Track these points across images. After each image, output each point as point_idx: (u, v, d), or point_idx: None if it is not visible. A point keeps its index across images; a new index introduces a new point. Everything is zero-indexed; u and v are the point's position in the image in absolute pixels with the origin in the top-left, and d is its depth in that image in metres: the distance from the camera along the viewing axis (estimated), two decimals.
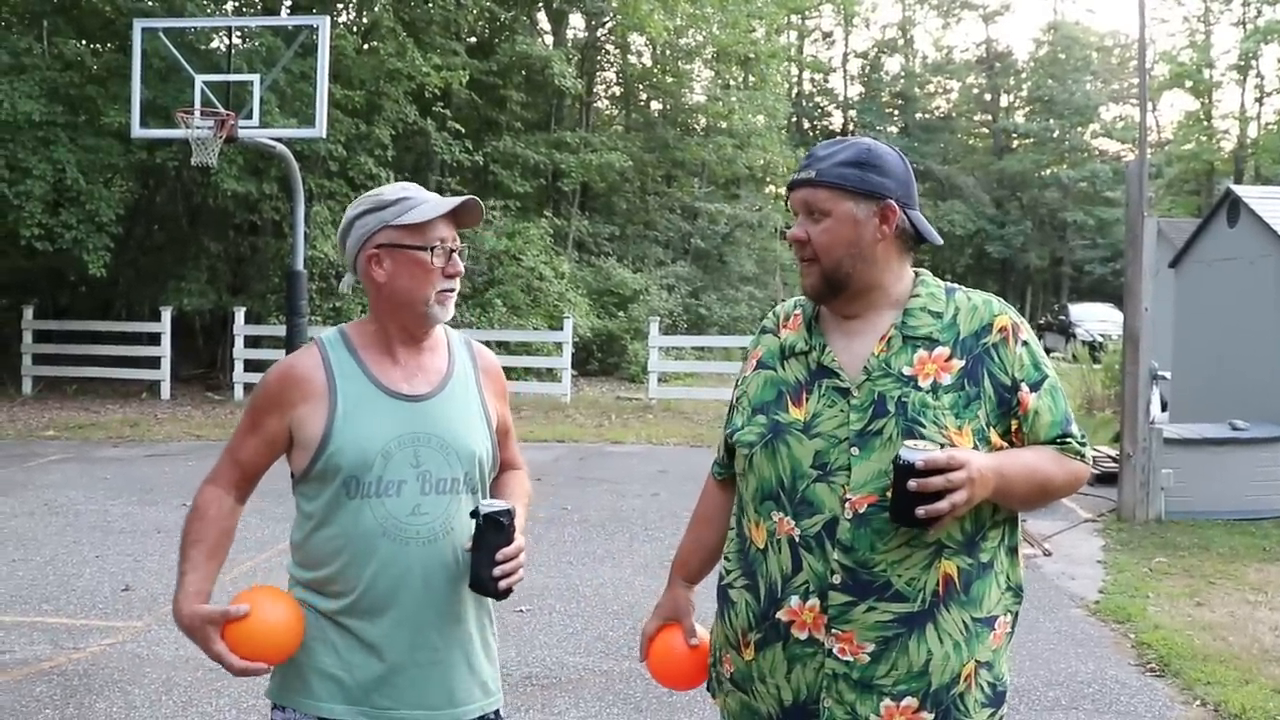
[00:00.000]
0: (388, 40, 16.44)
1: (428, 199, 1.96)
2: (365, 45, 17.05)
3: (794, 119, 35.93)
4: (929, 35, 47.28)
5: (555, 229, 20.47)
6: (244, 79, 12.32)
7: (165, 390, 14.65)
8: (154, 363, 14.77)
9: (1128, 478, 7.58)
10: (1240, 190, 9.44)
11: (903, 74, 43.06)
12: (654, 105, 26.80)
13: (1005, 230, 38.77)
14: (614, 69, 25.92)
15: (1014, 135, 41.60)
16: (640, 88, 26.19)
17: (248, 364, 14.49)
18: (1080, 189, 39.01)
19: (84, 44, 15.35)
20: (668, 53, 24.42)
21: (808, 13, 38.66)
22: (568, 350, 14.80)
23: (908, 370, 1.76)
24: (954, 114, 43.42)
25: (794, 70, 39.07)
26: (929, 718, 1.73)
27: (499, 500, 1.95)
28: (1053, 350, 20.06)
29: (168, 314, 14.77)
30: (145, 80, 12.38)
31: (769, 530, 1.79)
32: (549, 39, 23.14)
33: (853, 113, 41.50)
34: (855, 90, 43.30)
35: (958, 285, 1.89)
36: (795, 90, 39.26)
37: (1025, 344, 1.81)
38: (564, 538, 6.99)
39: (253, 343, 14.87)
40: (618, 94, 27.25)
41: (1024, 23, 79.38)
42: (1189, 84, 36.47)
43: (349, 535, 1.90)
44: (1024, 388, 1.78)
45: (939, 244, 1.91)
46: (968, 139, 43.20)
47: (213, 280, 16.15)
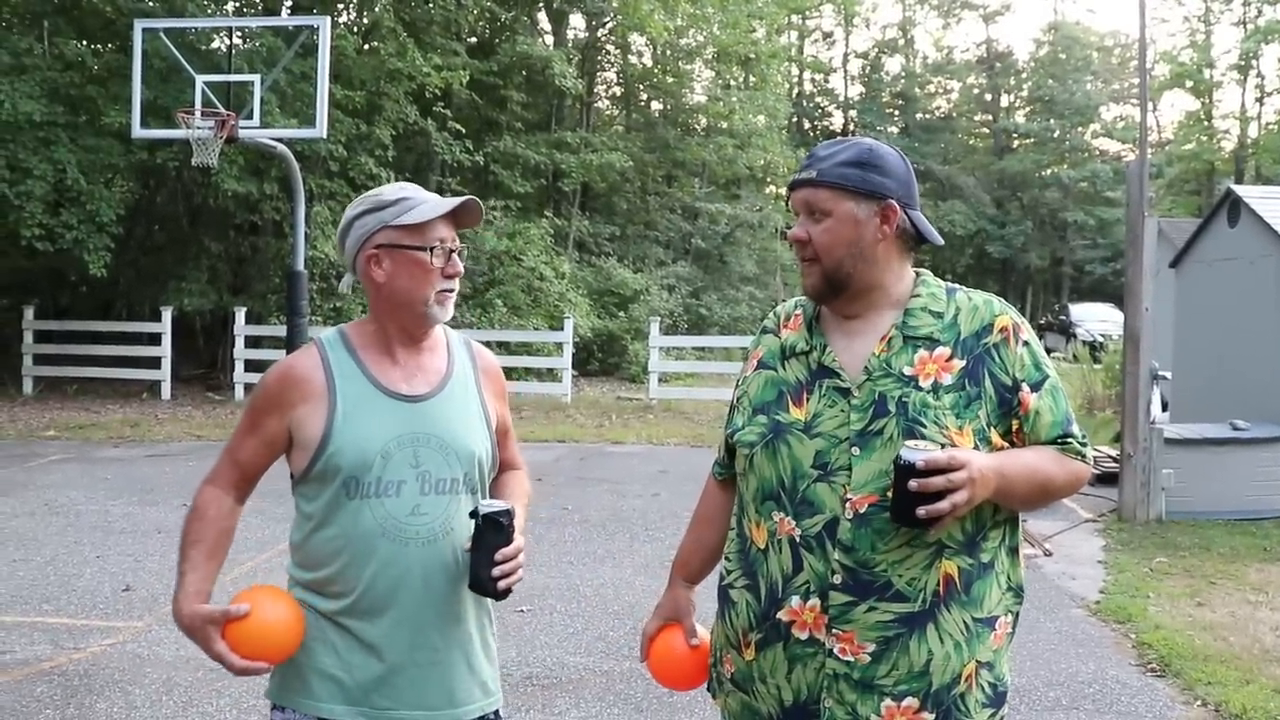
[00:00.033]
0: (388, 40, 16.44)
1: (427, 199, 1.96)
2: (366, 45, 17.06)
3: (794, 119, 35.94)
4: (929, 35, 47.26)
5: (556, 229, 20.48)
6: (244, 79, 12.33)
7: (166, 390, 14.65)
8: (155, 363, 14.77)
9: (1128, 478, 7.58)
10: (1241, 190, 9.44)
11: (903, 74, 43.07)
12: (654, 105, 26.81)
13: (1006, 230, 38.78)
14: (614, 69, 25.93)
15: (1014, 135, 41.62)
16: (641, 88, 26.20)
17: (248, 364, 14.49)
18: (1081, 189, 39.02)
19: (85, 44, 15.36)
20: (668, 53, 24.43)
21: (808, 13, 38.68)
22: (568, 350, 14.80)
23: (908, 370, 1.76)
24: (954, 114, 43.44)
25: (794, 70, 39.08)
26: (930, 718, 1.73)
27: (498, 500, 1.95)
28: (1053, 350, 20.04)
29: (168, 314, 14.78)
30: (146, 80, 12.39)
31: (770, 530, 1.79)
32: (549, 39, 23.15)
33: (853, 113, 41.51)
34: (856, 90, 43.36)
35: (958, 285, 1.89)
36: (796, 90, 39.27)
37: (1026, 344, 1.81)
38: (564, 538, 6.99)
39: (253, 343, 14.87)
40: (618, 94, 27.27)
41: (1024, 23, 79.50)
42: (1189, 84, 36.47)
43: (348, 536, 1.90)
44: (1025, 388, 1.78)
45: (940, 244, 1.91)
46: (968, 139, 43.21)
47: (213, 280, 16.17)
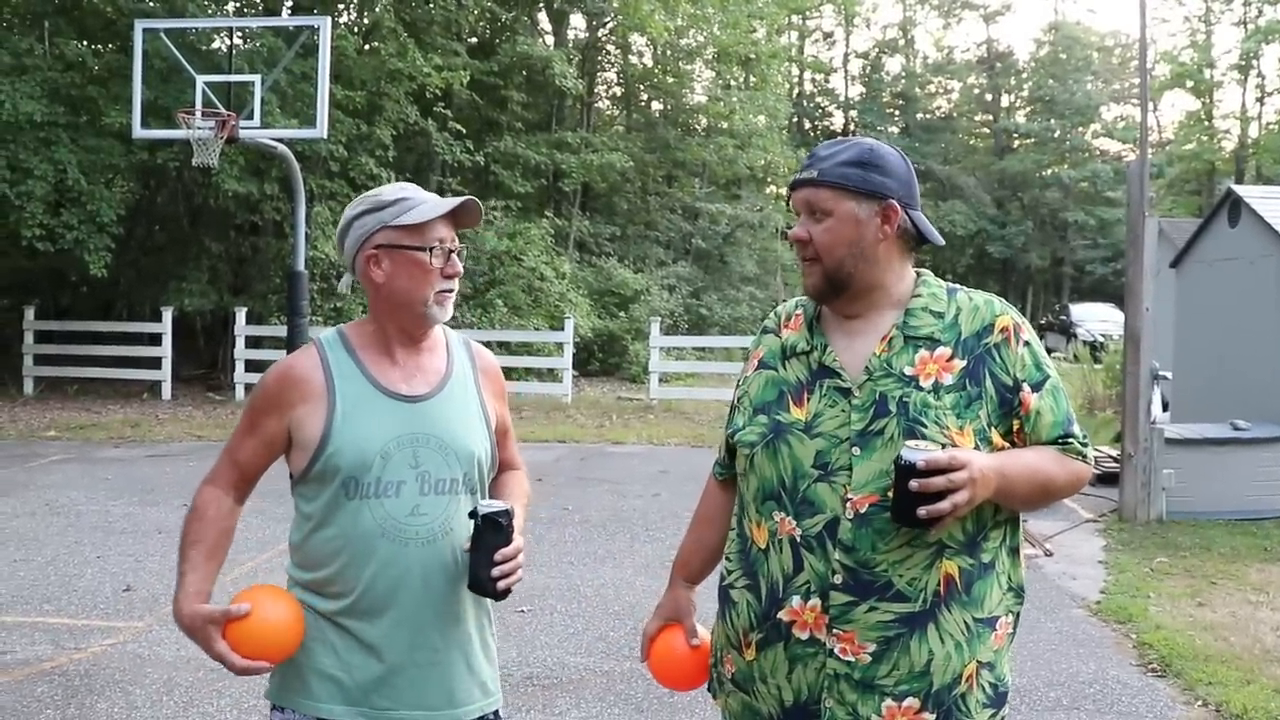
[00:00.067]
0: (389, 41, 16.44)
1: (426, 199, 1.95)
2: (366, 46, 17.06)
3: (795, 119, 35.94)
4: (930, 35, 47.27)
5: (556, 229, 20.47)
6: (245, 79, 12.34)
7: (166, 391, 14.65)
8: (155, 363, 14.77)
9: (1129, 478, 7.57)
10: (1241, 190, 9.44)
11: (903, 74, 43.07)
12: (655, 105, 26.80)
13: (1006, 230, 38.78)
14: (615, 69, 25.93)
15: (1015, 135, 41.62)
16: (641, 88, 26.20)
17: (249, 364, 14.49)
18: (1081, 189, 39.02)
19: (85, 45, 15.36)
20: (668, 53, 24.43)
21: (808, 13, 38.68)
22: (569, 350, 14.79)
23: (909, 370, 1.75)
24: (955, 114, 43.44)
25: (795, 70, 39.07)
26: (930, 718, 1.73)
27: (497, 501, 1.94)
28: (1054, 350, 20.05)
29: (169, 314, 14.77)
30: (146, 81, 12.40)
31: (770, 530, 1.79)
32: (550, 39, 23.16)
33: (854, 113, 41.50)
34: (856, 90, 43.35)
35: (959, 285, 1.89)
36: (796, 90, 39.27)
37: (1027, 344, 1.81)
38: (565, 538, 6.99)
39: (254, 343, 14.86)
40: (619, 94, 27.27)
41: (1025, 23, 79.55)
42: (1190, 84, 36.47)
43: (348, 536, 1.90)
44: (1026, 388, 1.78)
45: (941, 244, 1.91)
46: (969, 139, 43.21)
47: (214, 281, 16.17)
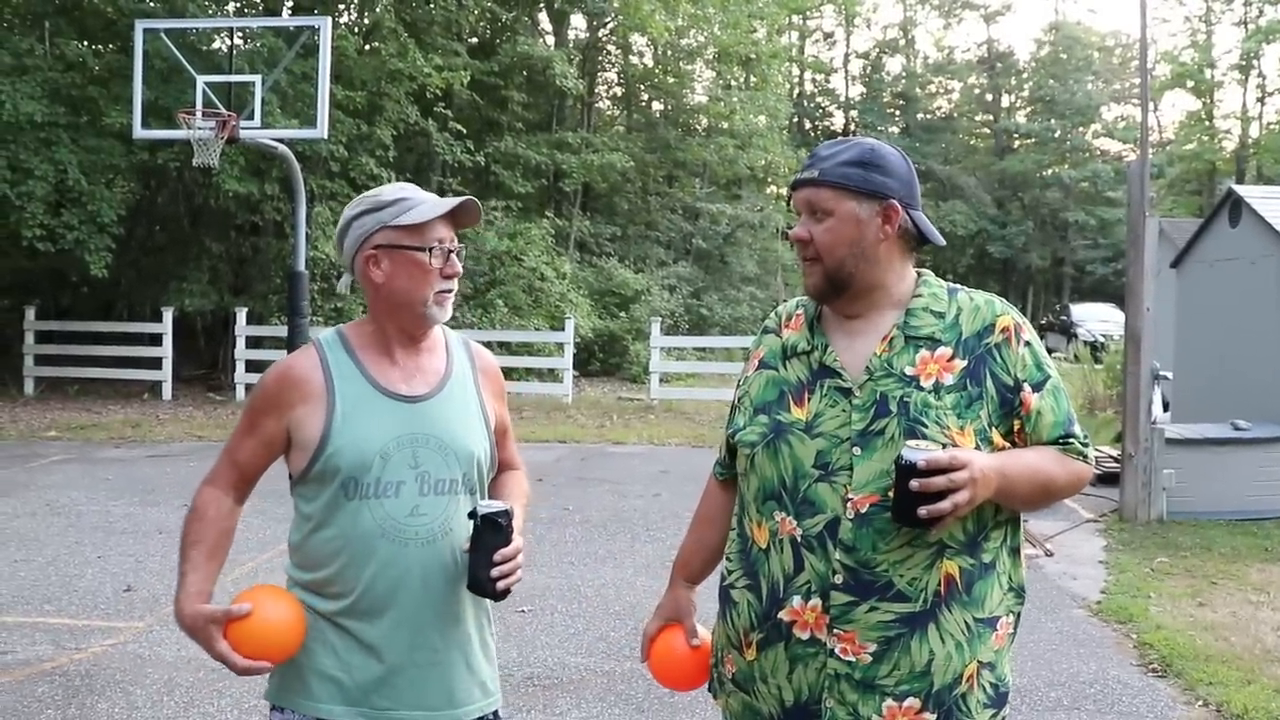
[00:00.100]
0: (389, 41, 16.44)
1: (426, 199, 1.95)
2: (367, 46, 17.06)
3: (795, 119, 35.93)
4: (930, 35, 47.29)
5: (557, 229, 20.47)
6: (245, 80, 12.34)
7: (167, 391, 14.65)
8: (156, 363, 14.77)
9: (1129, 478, 7.57)
10: (1242, 190, 9.44)
11: (904, 74, 43.07)
12: (655, 106, 26.80)
13: (1007, 230, 38.78)
14: (615, 69, 25.93)
15: (1015, 135, 41.62)
16: (641, 88, 26.20)
17: (249, 364, 14.49)
18: (1082, 189, 39.02)
19: (86, 45, 15.36)
20: (669, 53, 24.43)
21: (809, 13, 38.67)
22: (569, 351, 14.79)
23: (910, 370, 1.75)
24: (955, 114, 43.44)
25: (795, 71, 39.07)
26: (931, 718, 1.73)
27: (497, 501, 1.94)
28: (1054, 350, 20.03)
29: (169, 314, 14.78)
30: (147, 81, 12.40)
31: (771, 530, 1.79)
32: (550, 39, 23.15)
33: (854, 113, 41.50)
34: (856, 90, 43.36)
35: (960, 285, 1.89)
36: (797, 91, 39.26)
37: (1028, 344, 1.81)
38: (565, 538, 6.99)
39: (254, 343, 14.86)
40: (619, 94, 27.27)
41: (1025, 23, 79.61)
42: (1190, 84, 36.47)
43: (348, 536, 1.90)
44: (1026, 388, 1.78)
45: (942, 244, 1.91)
46: (969, 139, 43.20)
47: (214, 281, 16.17)
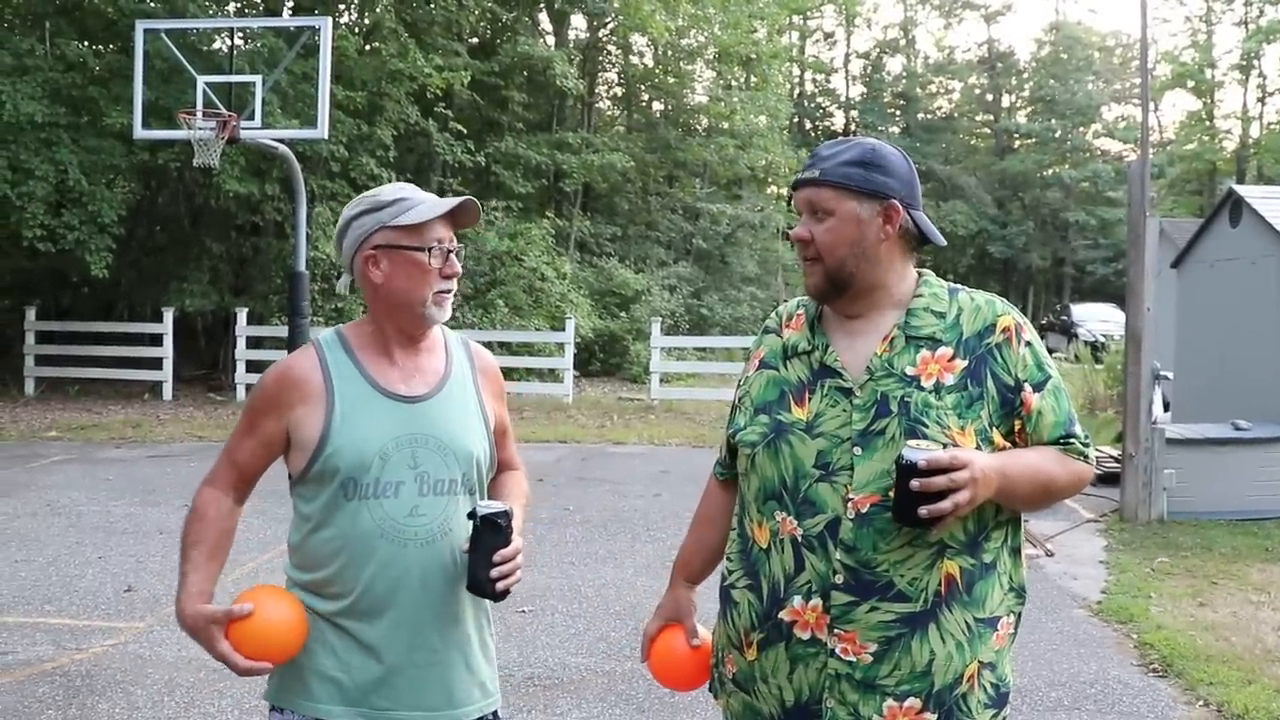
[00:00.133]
0: (389, 41, 16.44)
1: (425, 199, 1.95)
2: (367, 46, 17.06)
3: (796, 119, 35.93)
4: (930, 35, 47.32)
5: (557, 229, 20.47)
6: (246, 80, 12.34)
7: (167, 391, 14.66)
8: (156, 364, 14.77)
9: (1130, 478, 7.57)
10: (1242, 190, 9.43)
11: (904, 74, 43.08)
12: (656, 106, 26.80)
13: (1007, 230, 38.79)
14: (616, 70, 25.93)
15: (1016, 135, 41.63)
16: (642, 88, 26.20)
17: (250, 365, 14.48)
18: (1082, 189, 39.02)
19: (86, 45, 15.36)
20: (669, 53, 24.42)
21: (809, 13, 38.69)
22: (569, 351, 14.79)
23: (910, 370, 1.75)
24: (956, 114, 43.45)
25: (796, 71, 39.09)
26: (932, 718, 1.73)
27: (496, 502, 1.94)
28: (1055, 350, 20.03)
29: (170, 315, 14.78)
30: (147, 81, 12.40)
31: (772, 530, 1.79)
32: (550, 40, 23.15)
33: (854, 113, 41.51)
34: (857, 90, 43.37)
35: (960, 285, 1.89)
36: (797, 91, 39.26)
37: (1028, 344, 1.81)
38: (566, 538, 6.99)
39: (255, 343, 14.86)
40: (619, 94, 27.27)
41: (1026, 23, 79.65)
42: (1191, 84, 36.47)
43: (347, 537, 1.90)
44: (1027, 388, 1.78)
45: (943, 245, 1.91)
46: (969, 139, 43.21)
47: (215, 281, 16.17)
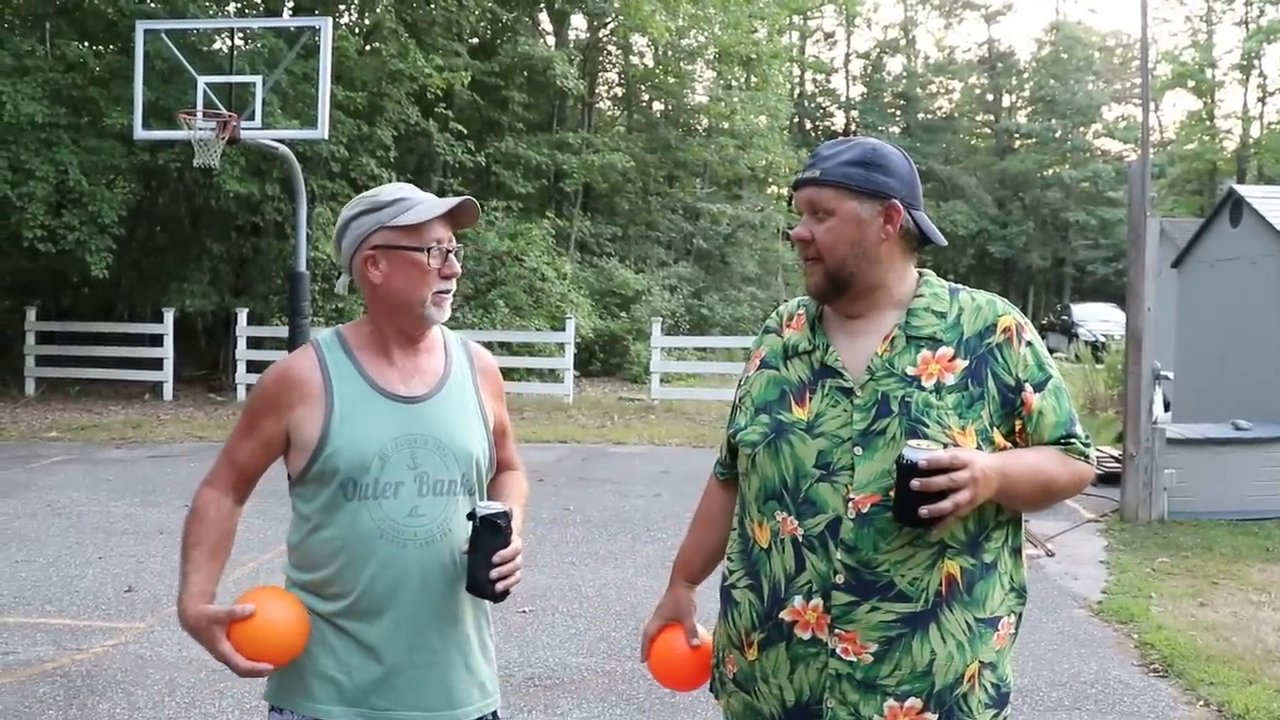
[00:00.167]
0: (390, 41, 16.44)
1: (424, 199, 1.95)
2: (367, 46, 17.06)
3: (796, 119, 35.94)
4: (931, 35, 47.39)
5: (557, 230, 20.47)
6: (246, 80, 12.34)
7: (168, 391, 14.66)
8: (156, 364, 14.77)
9: (1130, 478, 7.57)
10: (1243, 190, 9.44)
11: (905, 74, 43.10)
12: (656, 106, 26.80)
13: (1007, 230, 38.79)
14: (616, 70, 25.93)
15: (1016, 135, 41.64)
16: (642, 88, 26.20)
17: (250, 365, 14.48)
18: (1082, 189, 39.03)
19: (86, 46, 15.36)
20: (669, 53, 24.42)
21: (810, 13, 38.69)
22: (570, 351, 14.79)
23: (911, 370, 1.75)
24: (956, 114, 43.46)
25: (796, 71, 39.09)
26: (933, 718, 1.73)
27: (496, 502, 1.94)
28: (1055, 350, 20.04)
29: (170, 315, 14.78)
30: (147, 82, 12.39)
31: (772, 530, 1.79)
32: (551, 40, 23.15)
33: (855, 113, 41.52)
34: (857, 91, 43.38)
35: (961, 285, 1.89)
36: (797, 91, 39.27)
37: (1029, 344, 1.80)
38: (566, 538, 6.99)
39: (255, 344, 14.86)
40: (620, 95, 27.26)
41: (1026, 23, 79.77)
42: (1191, 84, 36.47)
43: (346, 537, 1.89)
44: (1028, 388, 1.78)
45: (943, 245, 1.91)
46: (970, 139, 43.22)
47: (215, 281, 16.18)
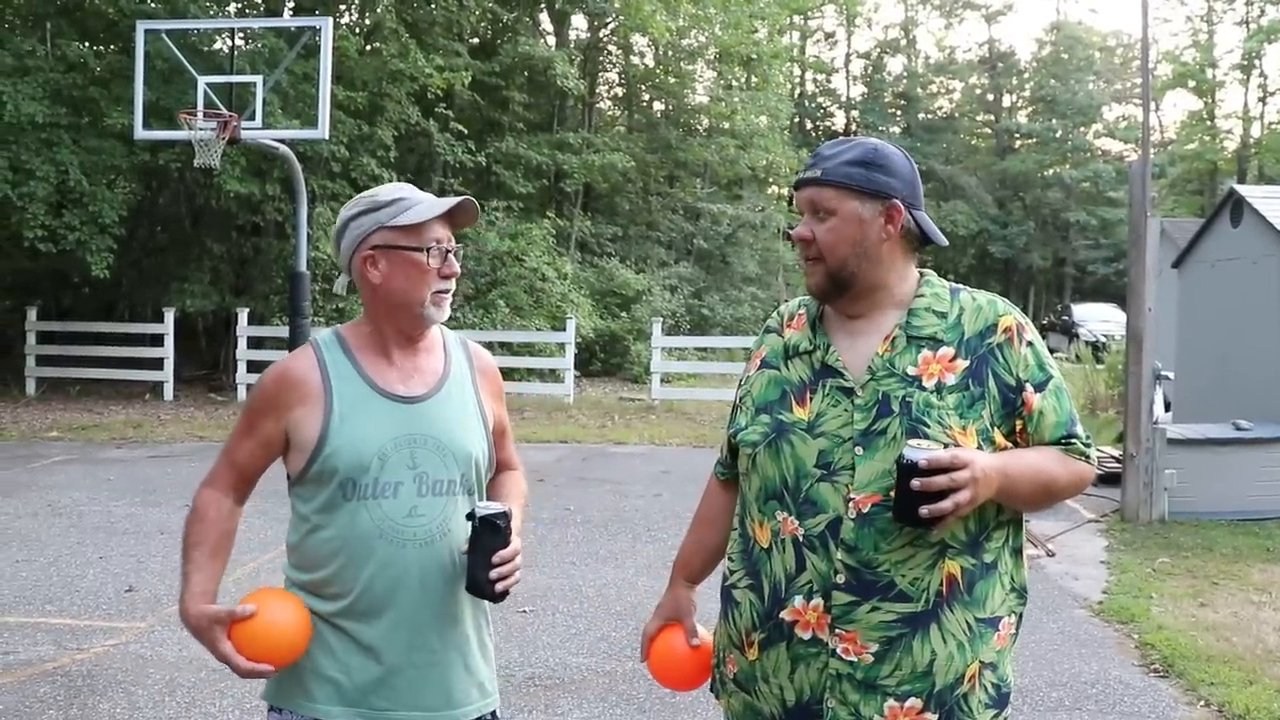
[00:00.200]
0: (390, 41, 16.44)
1: (423, 199, 1.95)
2: (368, 46, 17.07)
3: (797, 119, 35.92)
4: (931, 35, 47.42)
5: (558, 230, 20.47)
6: (247, 80, 12.34)
7: (168, 391, 14.66)
8: (157, 364, 14.77)
9: (1131, 478, 7.56)
10: (1243, 190, 9.44)
11: (905, 74, 43.08)
12: (656, 106, 26.79)
13: (1008, 230, 38.78)
14: (616, 70, 25.92)
15: (1017, 135, 41.62)
16: (643, 88, 26.19)
17: (250, 365, 14.47)
18: (1083, 189, 39.02)
19: (87, 46, 15.37)
20: (670, 53, 24.42)
21: (810, 13, 38.69)
22: (570, 351, 14.78)
23: (912, 370, 1.75)
24: (956, 114, 43.45)
25: (796, 71, 39.08)
26: (933, 719, 1.73)
27: (495, 503, 1.94)
28: (1056, 350, 20.04)
29: (171, 315, 14.78)
30: (148, 82, 12.39)
31: (773, 530, 1.79)
32: (551, 40, 23.15)
33: (855, 113, 41.51)
34: (858, 90, 43.36)
35: (962, 285, 1.89)
36: (798, 91, 39.26)
37: (1030, 344, 1.80)
38: (567, 538, 6.99)
39: (255, 344, 14.86)
40: (620, 95, 27.26)
41: (1026, 23, 79.73)
42: (1192, 84, 36.46)
43: (346, 537, 1.89)
44: (1028, 388, 1.77)
45: (944, 245, 1.90)
46: (970, 139, 43.20)
47: (215, 281, 16.18)
